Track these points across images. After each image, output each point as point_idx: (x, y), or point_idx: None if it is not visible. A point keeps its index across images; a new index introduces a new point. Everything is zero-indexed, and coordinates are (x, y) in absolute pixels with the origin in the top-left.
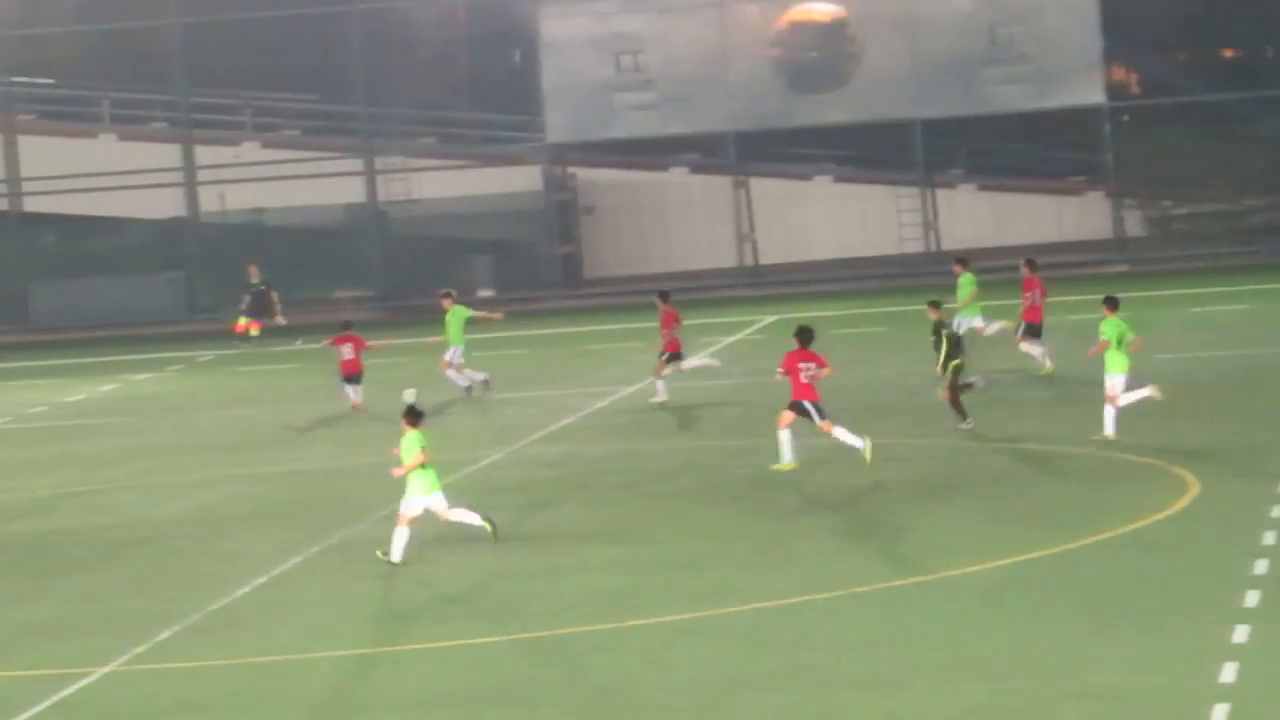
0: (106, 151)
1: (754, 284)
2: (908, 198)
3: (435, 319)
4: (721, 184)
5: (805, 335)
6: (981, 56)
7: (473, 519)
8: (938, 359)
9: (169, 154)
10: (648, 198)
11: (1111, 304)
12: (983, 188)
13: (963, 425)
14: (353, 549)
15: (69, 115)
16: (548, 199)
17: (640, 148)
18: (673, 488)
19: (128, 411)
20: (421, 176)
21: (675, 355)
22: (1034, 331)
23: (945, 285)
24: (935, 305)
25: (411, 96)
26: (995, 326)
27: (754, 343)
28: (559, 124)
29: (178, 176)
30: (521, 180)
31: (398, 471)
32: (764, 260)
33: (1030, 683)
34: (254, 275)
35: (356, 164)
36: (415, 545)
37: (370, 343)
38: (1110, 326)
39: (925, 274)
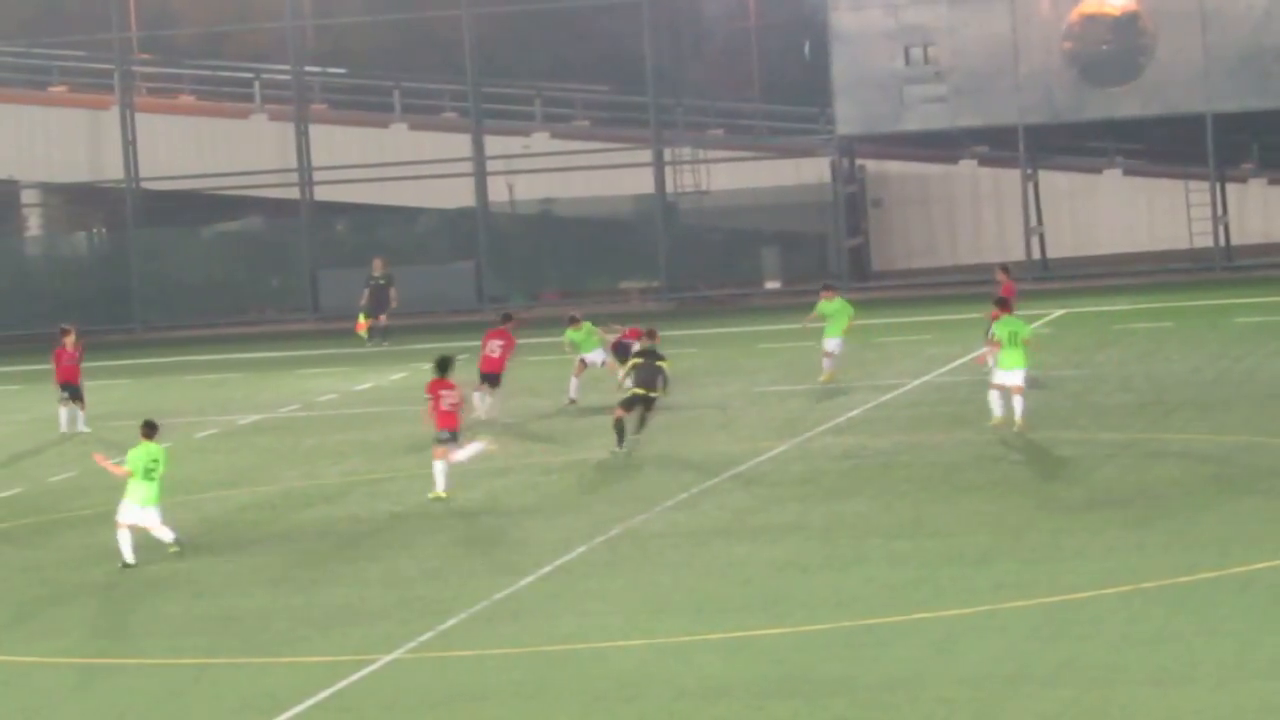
0: (397, 141)
1: (1041, 278)
2: (1198, 192)
3: (721, 311)
4: (1010, 177)
5: (444, 364)
6: (1276, 50)
7: (126, 547)
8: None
9: (459, 144)
10: (936, 190)
11: (1003, 304)
12: (1274, 181)
13: (616, 448)
14: (637, 539)
15: (361, 105)
16: (836, 191)
17: (929, 140)
18: (960, 481)
19: (416, 400)
20: (710, 168)
21: (492, 377)
22: None
23: (1237, 281)
24: (651, 334)
25: (701, 88)
26: (835, 345)
27: (1042, 337)
28: (848, 116)
29: (468, 166)
30: (810, 172)
31: (119, 472)
32: (1052, 254)
33: None
34: (377, 269)
35: (645, 155)
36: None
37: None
38: (1001, 326)
39: (1215, 269)
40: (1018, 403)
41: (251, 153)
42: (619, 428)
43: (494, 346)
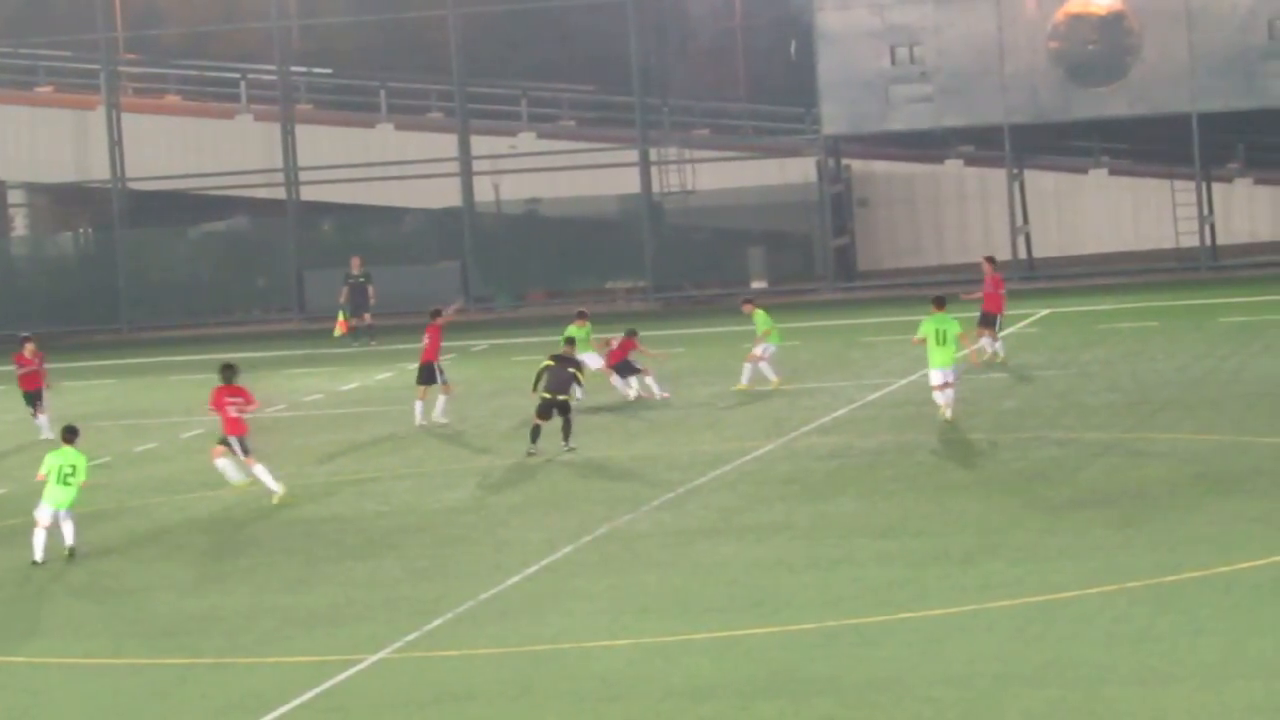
0: (383, 141)
1: (1028, 277)
2: (1184, 191)
3: (707, 311)
4: (996, 176)
5: (229, 372)
6: (1261, 50)
7: (38, 545)
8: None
9: (445, 144)
10: (922, 190)
11: (938, 302)
12: (1260, 181)
13: (530, 449)
14: (623, 539)
15: (346, 105)
16: (822, 191)
17: (915, 140)
18: (945, 480)
19: (402, 400)
20: (696, 168)
21: (426, 369)
22: (989, 321)
23: (1222, 280)
24: (570, 342)
25: (687, 88)
26: (768, 349)
27: (1028, 336)
28: (834, 116)
29: (454, 166)
30: (796, 172)
31: (39, 478)
32: (1038, 254)
33: None
34: (355, 267)
35: (631, 155)
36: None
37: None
38: (929, 324)
39: (1201, 268)
40: (948, 394)
41: (237, 153)
42: (534, 431)
43: (425, 339)
